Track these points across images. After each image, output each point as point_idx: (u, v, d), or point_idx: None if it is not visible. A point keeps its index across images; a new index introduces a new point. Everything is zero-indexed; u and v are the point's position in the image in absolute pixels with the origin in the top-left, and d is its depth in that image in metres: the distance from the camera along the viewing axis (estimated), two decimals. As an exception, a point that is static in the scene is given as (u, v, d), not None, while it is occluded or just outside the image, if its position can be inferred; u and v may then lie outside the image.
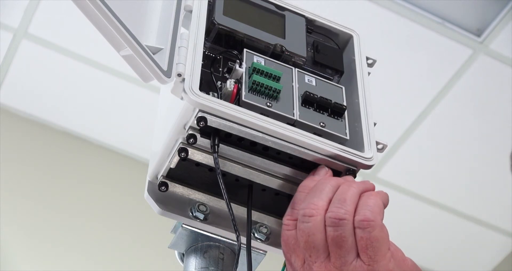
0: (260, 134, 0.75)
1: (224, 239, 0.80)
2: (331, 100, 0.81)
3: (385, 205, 0.73)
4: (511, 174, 1.20)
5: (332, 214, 0.70)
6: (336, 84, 0.85)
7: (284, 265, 0.76)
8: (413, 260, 0.73)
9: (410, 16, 2.48)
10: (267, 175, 0.78)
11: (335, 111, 0.81)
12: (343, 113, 0.81)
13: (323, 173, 0.76)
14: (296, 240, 0.72)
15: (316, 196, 0.72)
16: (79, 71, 2.74)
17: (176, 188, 0.79)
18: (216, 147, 0.74)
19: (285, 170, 0.77)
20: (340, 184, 0.73)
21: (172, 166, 0.77)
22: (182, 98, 0.74)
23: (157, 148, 0.80)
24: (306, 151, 0.76)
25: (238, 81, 0.78)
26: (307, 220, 0.70)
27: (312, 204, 0.71)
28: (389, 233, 0.71)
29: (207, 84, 0.79)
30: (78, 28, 2.55)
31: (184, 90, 0.74)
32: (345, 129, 0.80)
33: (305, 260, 0.71)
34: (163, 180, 0.78)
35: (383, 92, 2.66)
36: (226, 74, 0.81)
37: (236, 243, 0.74)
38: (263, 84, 0.78)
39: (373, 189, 0.75)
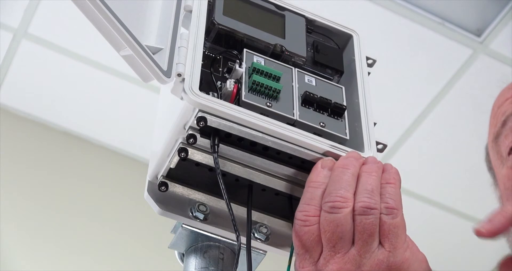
0: (260, 134, 0.75)
1: (224, 239, 0.80)
2: (331, 100, 0.81)
3: (400, 185, 0.77)
4: (486, 165, 1.21)
5: (364, 204, 0.72)
6: (336, 84, 0.85)
7: (289, 266, 0.76)
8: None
9: (410, 16, 2.48)
10: (267, 175, 0.78)
11: (335, 111, 0.81)
12: (343, 113, 0.81)
13: (330, 163, 0.76)
14: (315, 235, 0.72)
15: (343, 187, 0.73)
16: (79, 71, 2.74)
17: (176, 188, 0.79)
18: (216, 147, 0.74)
19: (285, 170, 0.77)
20: (357, 171, 0.75)
21: (172, 166, 0.77)
22: (182, 98, 0.74)
23: (157, 148, 0.80)
24: (306, 150, 0.76)
25: (238, 81, 0.78)
26: (337, 211, 0.72)
27: (340, 197, 0.72)
28: None
29: (207, 84, 0.79)
30: (78, 28, 2.55)
31: (184, 90, 0.74)
32: (345, 129, 0.80)
33: (322, 253, 0.72)
34: (163, 180, 0.78)
35: (383, 92, 2.66)
36: (226, 74, 0.81)
37: (236, 243, 0.74)
38: (263, 84, 0.78)
39: (381, 166, 0.77)
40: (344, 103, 0.82)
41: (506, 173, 1.17)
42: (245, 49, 0.82)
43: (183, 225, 0.79)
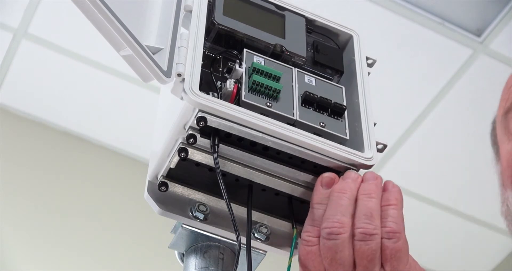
0: (260, 134, 0.75)
1: (224, 239, 0.80)
2: (331, 100, 0.81)
3: (402, 205, 0.75)
4: (490, 139, 1.21)
5: (363, 230, 0.71)
6: (336, 84, 0.85)
7: (289, 266, 0.76)
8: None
9: (410, 16, 2.48)
10: (267, 175, 0.78)
11: (335, 111, 0.81)
12: (343, 113, 0.81)
13: (330, 181, 0.76)
14: (318, 256, 0.72)
15: (339, 213, 0.72)
16: (79, 71, 2.74)
17: (176, 188, 0.79)
18: (216, 147, 0.74)
19: (285, 170, 0.77)
20: (355, 194, 0.74)
21: (172, 166, 0.77)
22: (182, 98, 0.74)
23: (157, 148, 0.80)
24: (306, 150, 0.76)
25: (238, 81, 0.78)
26: (334, 238, 0.71)
27: (337, 222, 0.72)
28: None
29: (207, 84, 0.79)
30: (78, 28, 2.55)
31: (184, 90, 0.74)
32: (345, 129, 0.80)
33: None
34: (163, 180, 0.78)
35: (383, 92, 2.66)
36: (226, 74, 0.81)
37: (236, 243, 0.74)
38: (263, 84, 0.78)
39: (381, 182, 0.76)
40: (344, 103, 0.82)
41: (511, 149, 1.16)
42: (245, 49, 0.82)
43: (183, 225, 0.79)
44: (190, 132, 0.75)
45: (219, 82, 0.79)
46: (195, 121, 0.74)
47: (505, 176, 1.18)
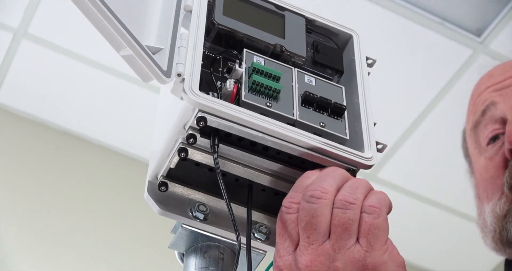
0: (260, 134, 0.75)
1: (224, 239, 0.80)
2: (331, 100, 0.81)
3: (389, 209, 0.74)
4: (462, 151, 1.22)
5: (343, 197, 0.71)
6: (336, 84, 0.85)
7: (271, 265, 0.76)
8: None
9: (410, 16, 2.48)
10: (267, 175, 0.78)
11: (335, 111, 0.81)
12: (343, 113, 0.81)
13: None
14: (296, 224, 0.72)
15: (326, 181, 0.72)
16: (79, 71, 2.75)
17: (176, 188, 0.79)
18: (216, 147, 0.74)
19: (285, 170, 0.77)
20: (349, 177, 0.75)
21: (172, 166, 0.77)
22: (182, 98, 0.74)
23: (157, 148, 0.80)
24: (306, 150, 0.76)
25: (238, 81, 0.78)
26: (315, 201, 0.71)
27: (322, 188, 0.72)
28: (389, 233, 0.73)
29: (207, 84, 0.79)
30: (78, 28, 2.56)
31: (184, 90, 0.74)
32: (345, 129, 0.80)
33: (299, 243, 0.72)
34: (163, 180, 0.78)
35: (383, 92, 2.66)
36: (226, 74, 0.81)
37: (236, 243, 0.74)
38: (263, 84, 0.78)
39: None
40: (344, 103, 0.82)
41: (484, 163, 1.17)
42: (245, 49, 0.82)
43: (183, 225, 0.79)
44: (190, 132, 0.75)
45: (219, 82, 0.79)
46: (195, 121, 0.74)
47: (480, 190, 1.18)
